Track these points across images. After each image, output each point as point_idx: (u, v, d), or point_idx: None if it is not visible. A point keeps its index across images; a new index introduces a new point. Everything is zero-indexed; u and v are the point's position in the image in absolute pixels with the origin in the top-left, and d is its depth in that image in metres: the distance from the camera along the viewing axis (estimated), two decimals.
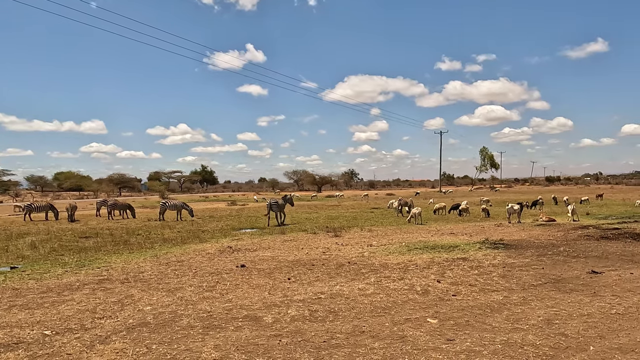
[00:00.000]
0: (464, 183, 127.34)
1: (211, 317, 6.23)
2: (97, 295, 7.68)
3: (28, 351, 5.07)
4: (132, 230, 19.14)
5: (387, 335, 5.34)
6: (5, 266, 10.92)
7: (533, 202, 30.28)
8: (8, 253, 13.13)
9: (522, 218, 20.87)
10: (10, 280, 9.02)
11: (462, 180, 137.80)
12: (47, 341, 5.39)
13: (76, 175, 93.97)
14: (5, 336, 5.58)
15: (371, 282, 8.26)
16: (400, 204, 26.27)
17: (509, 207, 20.23)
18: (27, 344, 5.31)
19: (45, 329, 5.87)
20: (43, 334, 5.66)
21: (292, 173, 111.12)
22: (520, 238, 14.25)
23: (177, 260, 11.12)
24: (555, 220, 19.86)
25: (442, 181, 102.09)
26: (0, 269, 10.47)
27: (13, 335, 5.61)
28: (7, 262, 11.61)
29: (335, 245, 13.47)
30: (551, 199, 35.20)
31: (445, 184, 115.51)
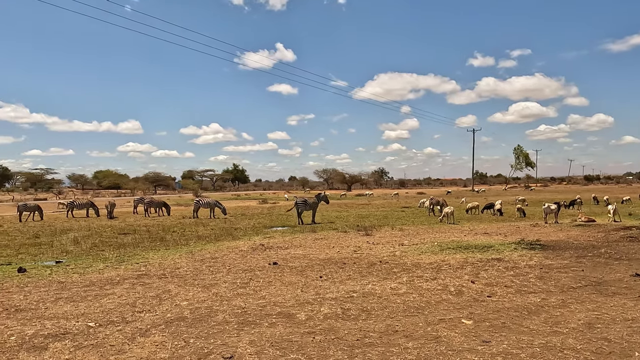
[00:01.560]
0: (498, 182, 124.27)
1: (245, 313, 6.35)
2: (136, 289, 7.96)
3: (74, 341, 5.32)
4: (167, 228, 19.70)
5: (421, 335, 5.31)
6: (51, 260, 11.48)
7: (571, 202, 29.26)
8: (53, 248, 13.79)
9: (560, 218, 20.19)
10: (56, 273, 9.47)
11: (495, 179, 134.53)
12: (91, 332, 5.64)
13: (114, 174, 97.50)
14: (53, 327, 5.87)
15: (403, 282, 8.21)
16: (432, 203, 25.91)
17: (546, 207, 19.61)
18: (73, 334, 5.57)
19: (89, 321, 6.14)
20: (87, 325, 5.92)
21: (322, 172, 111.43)
22: (558, 239, 13.80)
23: (211, 257, 11.37)
24: (595, 220, 19.11)
25: (475, 180, 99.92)
26: (47, 263, 11.01)
27: (60, 326, 5.89)
28: (53, 256, 12.20)
29: (366, 244, 13.44)
30: (591, 199, 33.91)
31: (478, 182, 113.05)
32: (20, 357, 4.84)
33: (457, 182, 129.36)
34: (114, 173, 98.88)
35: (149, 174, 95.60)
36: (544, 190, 73.32)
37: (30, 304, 7.05)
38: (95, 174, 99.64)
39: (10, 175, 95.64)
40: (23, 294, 7.66)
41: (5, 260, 11.56)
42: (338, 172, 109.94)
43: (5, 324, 6.02)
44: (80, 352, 4.97)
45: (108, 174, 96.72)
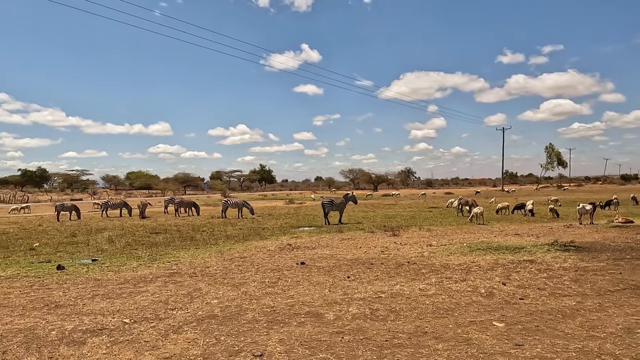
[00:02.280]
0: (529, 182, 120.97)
1: (274, 312, 6.42)
2: (168, 287, 8.17)
3: (110, 337, 5.51)
4: (197, 227, 20.10)
5: (451, 337, 5.24)
6: (87, 258, 11.91)
7: (607, 202, 28.22)
8: (89, 247, 14.30)
9: (595, 219, 19.51)
10: (92, 271, 9.82)
11: (526, 178, 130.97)
12: (126, 329, 5.82)
13: (145, 175, 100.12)
14: (90, 322, 6.10)
15: (432, 283, 8.12)
16: (461, 203, 25.48)
17: (580, 207, 18.98)
18: (109, 330, 5.77)
19: (124, 317, 6.34)
20: (123, 322, 6.12)
21: (348, 172, 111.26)
22: (593, 240, 13.34)
23: (240, 257, 11.54)
24: (633, 221, 18.36)
25: (505, 180, 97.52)
26: (83, 261, 11.42)
27: (97, 322, 6.11)
28: (89, 254, 12.65)
29: (394, 244, 13.34)
30: (629, 199, 32.58)
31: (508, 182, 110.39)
32: (60, 351, 5.05)
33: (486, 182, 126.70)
34: (145, 174, 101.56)
35: (179, 175, 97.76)
36: (578, 190, 70.91)
37: (69, 300, 7.34)
38: (128, 174, 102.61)
39: (48, 176, 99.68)
40: (62, 291, 7.98)
41: (45, 258, 12.07)
42: (364, 172, 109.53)
43: (47, 319, 6.29)
44: (117, 347, 5.14)
45: (140, 175, 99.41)
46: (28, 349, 5.11)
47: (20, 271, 9.90)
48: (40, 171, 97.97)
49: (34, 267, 10.54)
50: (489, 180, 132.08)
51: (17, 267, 10.56)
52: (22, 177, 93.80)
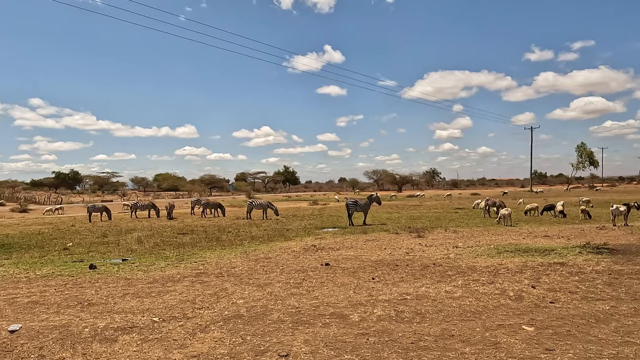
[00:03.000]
0: (559, 182, 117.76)
1: (299, 313, 6.46)
2: (195, 287, 8.32)
3: (140, 335, 5.65)
4: (223, 228, 20.39)
5: (478, 341, 5.15)
6: (117, 258, 12.25)
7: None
8: (119, 247, 14.70)
9: (630, 220, 18.81)
10: (123, 271, 10.09)
11: (556, 179, 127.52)
12: (155, 327, 5.96)
13: (172, 177, 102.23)
14: (121, 320, 6.27)
15: (459, 285, 8.00)
16: (488, 204, 25.00)
17: (614, 208, 18.33)
18: (139, 328, 5.92)
19: (153, 316, 6.49)
20: (152, 320, 6.27)
21: (372, 173, 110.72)
22: (628, 242, 12.86)
23: (264, 257, 11.65)
24: None
25: (533, 180, 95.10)
26: (114, 261, 11.75)
27: (128, 320, 6.28)
28: (119, 254, 13.02)
29: (419, 245, 13.20)
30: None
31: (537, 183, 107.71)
32: (93, 347, 5.21)
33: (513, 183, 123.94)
34: (173, 176, 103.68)
35: (205, 177, 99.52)
36: (611, 191, 68.50)
37: (100, 298, 7.57)
38: (156, 176, 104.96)
39: (80, 178, 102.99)
40: (94, 289, 8.23)
41: (78, 258, 12.48)
42: (388, 173, 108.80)
43: (80, 316, 6.50)
44: (147, 345, 5.27)
45: (167, 177, 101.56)
46: (63, 345, 5.30)
47: (55, 270, 10.26)
48: (73, 173, 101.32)
49: (67, 266, 10.91)
50: (517, 180, 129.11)
51: (52, 266, 10.95)
52: (56, 180, 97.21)
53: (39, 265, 11.05)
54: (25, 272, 10.12)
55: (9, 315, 6.61)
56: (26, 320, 6.34)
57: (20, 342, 5.39)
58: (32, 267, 10.73)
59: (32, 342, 5.41)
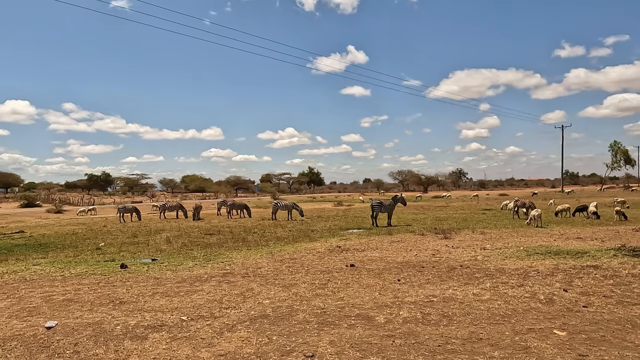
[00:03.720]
0: (591, 182, 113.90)
1: (325, 314, 6.47)
2: (222, 287, 8.44)
3: (170, 333, 5.78)
4: (248, 229, 20.62)
5: (507, 345, 5.05)
6: (147, 258, 12.56)
7: None
8: (149, 247, 15.07)
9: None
10: (152, 270, 10.34)
11: (588, 178, 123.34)
12: (184, 325, 6.09)
13: (199, 178, 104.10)
14: (151, 319, 6.43)
15: (487, 288, 7.85)
16: (517, 205, 24.43)
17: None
18: (168, 327, 6.06)
19: (182, 314, 6.63)
20: (181, 319, 6.40)
21: (397, 173, 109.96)
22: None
23: (290, 258, 11.72)
24: None
25: (565, 180, 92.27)
26: (144, 260, 12.06)
27: (157, 319, 6.43)
28: (149, 254, 13.35)
29: (445, 247, 13.02)
30: None
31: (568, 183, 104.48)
32: (125, 345, 5.36)
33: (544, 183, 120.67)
34: (200, 177, 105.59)
35: (231, 178, 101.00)
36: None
37: (131, 297, 7.77)
38: (183, 178, 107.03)
39: (111, 180, 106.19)
40: (125, 288, 8.47)
41: (109, 257, 12.87)
42: (413, 174, 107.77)
43: (112, 314, 6.70)
44: (176, 343, 5.39)
45: (194, 178, 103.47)
46: (96, 341, 5.47)
47: (88, 269, 10.61)
48: (105, 175, 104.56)
49: (100, 265, 11.26)
50: (547, 180, 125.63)
51: (86, 265, 11.32)
52: (89, 181, 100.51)
53: (73, 264, 11.44)
54: (60, 270, 10.49)
55: (46, 312, 6.87)
56: (62, 317, 6.58)
57: (56, 339, 5.60)
58: (66, 266, 11.12)
59: (68, 338, 5.61)
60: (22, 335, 5.75)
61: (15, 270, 10.71)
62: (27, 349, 5.26)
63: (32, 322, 6.33)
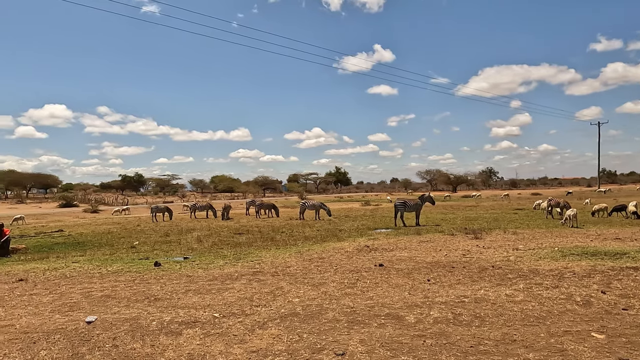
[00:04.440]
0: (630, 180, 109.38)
1: (354, 313, 6.48)
2: (252, 285, 8.58)
3: (203, 329, 5.92)
4: (277, 228, 20.82)
5: (542, 347, 4.93)
6: (179, 256, 12.88)
7: None
8: (181, 245, 15.45)
9: None
10: (185, 268, 10.60)
11: (627, 177, 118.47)
12: (216, 322, 6.22)
13: (228, 178, 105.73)
14: (185, 315, 6.60)
15: (520, 289, 7.67)
16: (551, 205, 23.73)
17: None
18: (201, 323, 6.21)
19: (214, 311, 6.77)
20: (213, 316, 6.54)
21: (425, 173, 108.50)
22: None
23: (318, 257, 11.77)
24: None
25: (602, 179, 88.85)
26: (176, 259, 12.36)
27: (190, 315, 6.60)
28: (181, 253, 13.68)
29: (476, 247, 12.79)
30: None
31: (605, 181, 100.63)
32: (160, 340, 5.53)
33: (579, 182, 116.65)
34: (228, 177, 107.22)
35: (258, 178, 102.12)
36: None
37: (165, 294, 8.00)
38: (212, 178, 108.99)
39: (144, 181, 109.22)
40: (159, 285, 8.71)
41: (144, 255, 13.26)
42: (442, 173, 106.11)
43: (148, 310, 6.91)
44: (209, 339, 5.52)
45: (223, 179, 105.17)
46: (133, 336, 5.67)
47: (124, 267, 10.97)
48: (137, 176, 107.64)
49: (134, 263, 11.62)
50: (583, 179, 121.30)
51: (121, 263, 11.71)
52: (122, 182, 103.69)
53: (109, 262, 11.85)
54: (98, 268, 10.90)
55: (86, 308, 7.15)
56: (100, 312, 6.84)
57: (96, 333, 5.83)
58: (103, 264, 11.53)
59: (106, 332, 5.83)
60: (64, 329, 6.02)
61: (56, 267, 11.18)
62: (69, 342, 5.50)
63: (73, 317, 6.61)
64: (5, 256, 14.57)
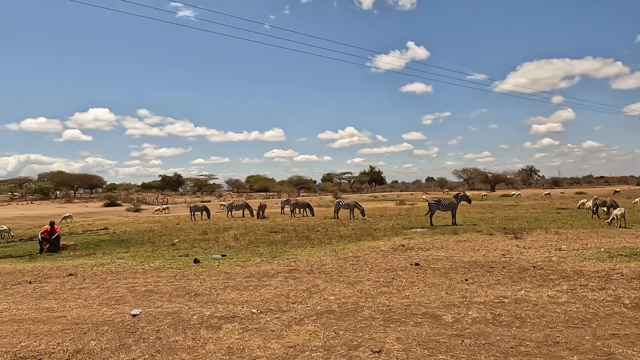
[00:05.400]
0: None
1: (390, 311, 6.46)
2: (288, 282, 8.69)
3: (241, 324, 6.07)
4: (311, 227, 20.95)
5: (588, 350, 4.75)
6: (217, 254, 13.21)
7: None
8: (218, 243, 15.83)
9: None
10: (223, 265, 10.86)
11: None
12: (254, 318, 6.36)
13: (263, 178, 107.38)
14: (224, 310, 6.78)
15: (563, 290, 7.41)
16: (597, 204, 22.72)
17: None
18: (240, 318, 6.36)
19: (252, 307, 6.92)
20: (251, 311, 6.69)
21: (462, 171, 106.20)
22: None
23: (353, 256, 11.77)
24: None
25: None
26: (215, 256, 12.69)
27: (229, 310, 6.77)
28: (219, 250, 14.02)
29: (516, 247, 12.42)
30: None
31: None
32: (201, 333, 5.72)
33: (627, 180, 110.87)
34: (263, 177, 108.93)
35: (293, 178, 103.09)
36: None
37: (205, 289, 8.24)
38: (248, 178, 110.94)
39: (182, 181, 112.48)
40: (199, 281, 8.98)
41: (183, 253, 13.69)
42: (479, 172, 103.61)
43: (188, 305, 7.15)
44: (247, 334, 5.66)
45: (258, 179, 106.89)
46: (176, 329, 5.88)
47: (165, 263, 11.36)
48: (176, 176, 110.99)
49: (175, 260, 12.01)
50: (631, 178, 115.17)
51: (163, 259, 12.14)
52: (162, 182, 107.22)
53: (152, 259, 12.31)
54: (141, 264, 11.34)
55: (131, 302, 7.48)
56: (144, 306, 7.13)
57: (140, 325, 6.09)
58: (146, 260, 11.99)
59: (150, 325, 6.08)
60: (111, 321, 6.32)
61: (102, 263, 11.73)
62: (116, 334, 5.77)
63: (119, 310, 6.93)
64: (56, 252, 15.42)
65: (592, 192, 54.18)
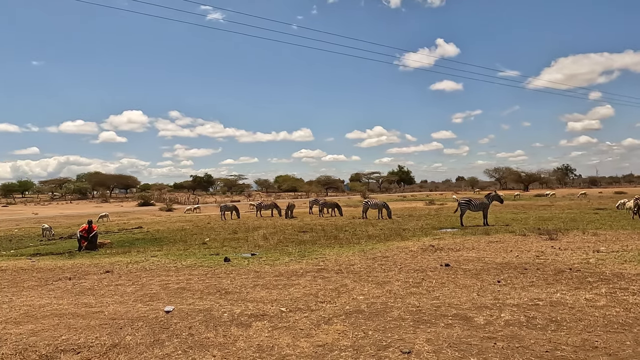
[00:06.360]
0: None
1: (420, 312, 6.39)
2: (317, 282, 8.72)
3: (271, 322, 6.13)
4: (340, 227, 20.95)
5: (629, 355, 4.56)
6: (247, 253, 13.40)
7: None
8: (248, 242, 16.06)
9: None
10: (252, 264, 11.01)
11: None
12: (283, 316, 6.42)
13: (291, 178, 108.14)
14: (254, 308, 6.87)
15: (602, 293, 7.13)
16: (638, 204, 21.73)
17: None
18: (269, 316, 6.43)
19: (281, 306, 6.98)
20: (280, 310, 6.75)
21: (494, 171, 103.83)
22: None
23: (382, 256, 11.70)
24: None
25: None
26: (244, 255, 12.88)
27: (259, 309, 6.86)
28: (248, 249, 14.23)
29: (551, 249, 12.04)
30: None
31: None
32: (231, 330, 5.82)
33: None
34: (291, 177, 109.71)
35: (321, 178, 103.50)
36: None
37: (235, 288, 8.37)
38: (276, 178, 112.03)
39: (212, 181, 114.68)
40: (229, 280, 9.13)
41: (214, 251, 13.96)
42: (512, 171, 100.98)
43: (219, 302, 7.29)
44: (277, 332, 5.72)
45: (286, 179, 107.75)
46: (207, 326, 6.01)
47: (197, 261, 11.61)
48: (207, 177, 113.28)
49: (206, 258, 12.26)
50: None
51: (194, 258, 12.41)
52: (193, 182, 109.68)
53: (183, 257, 12.61)
54: (173, 262, 11.63)
55: (164, 299, 7.68)
56: (177, 303, 7.31)
57: (173, 322, 6.25)
58: (178, 258, 12.29)
59: (183, 322, 6.23)
60: (146, 317, 6.51)
61: (137, 260, 12.09)
62: (150, 329, 5.95)
63: (153, 306, 7.13)
64: (93, 250, 16.02)
65: (633, 192, 51.86)
